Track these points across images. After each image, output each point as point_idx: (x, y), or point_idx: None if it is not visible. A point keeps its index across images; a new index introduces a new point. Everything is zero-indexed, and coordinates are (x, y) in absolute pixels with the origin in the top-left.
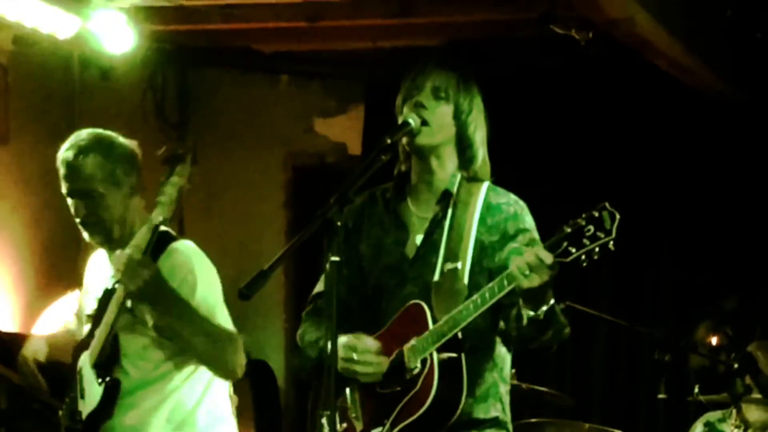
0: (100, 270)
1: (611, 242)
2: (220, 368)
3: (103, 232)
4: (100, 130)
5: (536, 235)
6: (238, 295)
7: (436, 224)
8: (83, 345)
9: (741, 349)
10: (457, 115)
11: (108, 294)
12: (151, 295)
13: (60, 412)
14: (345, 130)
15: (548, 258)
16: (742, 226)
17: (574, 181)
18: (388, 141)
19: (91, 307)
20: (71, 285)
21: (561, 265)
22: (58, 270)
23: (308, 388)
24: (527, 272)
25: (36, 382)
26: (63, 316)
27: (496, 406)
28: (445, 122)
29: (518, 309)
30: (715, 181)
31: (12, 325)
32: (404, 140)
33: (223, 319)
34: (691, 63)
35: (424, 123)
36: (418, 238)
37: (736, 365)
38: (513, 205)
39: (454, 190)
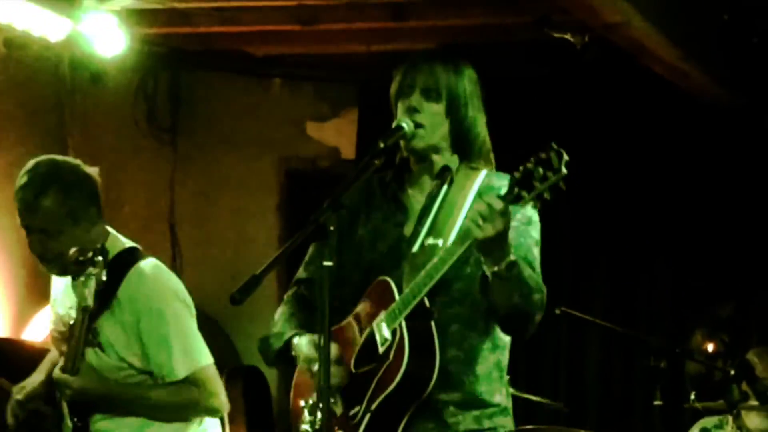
0: (64, 289)
1: (561, 181)
2: (198, 416)
3: (61, 266)
4: (57, 160)
5: (534, 213)
6: (230, 300)
7: (431, 200)
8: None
9: (737, 355)
10: (451, 111)
11: (71, 329)
12: (92, 404)
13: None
14: (338, 134)
15: (498, 204)
16: (738, 232)
17: (570, 185)
18: (382, 145)
19: (53, 326)
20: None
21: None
22: (48, 277)
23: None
24: (480, 222)
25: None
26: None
27: (501, 392)
28: (439, 121)
29: (483, 271)
30: (711, 186)
31: (2, 331)
32: (401, 143)
33: (185, 355)
34: (687, 67)
35: (418, 126)
36: (415, 216)
37: (732, 372)
38: None
39: (454, 168)
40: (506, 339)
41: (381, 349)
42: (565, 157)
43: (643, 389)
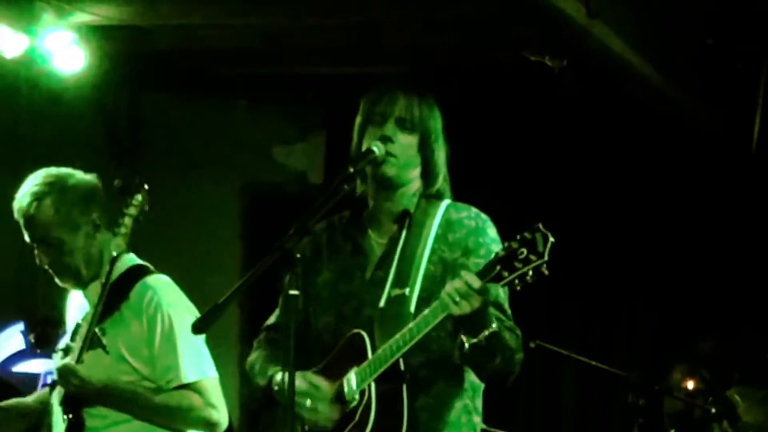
0: (78, 306)
1: (544, 265)
2: (195, 427)
3: (71, 276)
4: (54, 171)
5: (498, 249)
6: (191, 330)
7: (392, 244)
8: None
9: (718, 393)
10: (423, 145)
11: (77, 330)
12: (91, 398)
13: None
14: (305, 158)
15: (476, 283)
16: (720, 265)
17: (546, 216)
18: (351, 170)
19: (65, 342)
20: (23, 315)
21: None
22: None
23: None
24: (457, 299)
25: None
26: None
27: None
28: (411, 154)
29: (459, 336)
30: (693, 217)
31: None
32: (368, 169)
33: (193, 362)
34: (669, 92)
35: (390, 155)
36: (375, 261)
37: (713, 410)
38: (474, 218)
39: (413, 209)
40: (477, 382)
41: (348, 407)
42: (551, 240)
43: (620, 427)
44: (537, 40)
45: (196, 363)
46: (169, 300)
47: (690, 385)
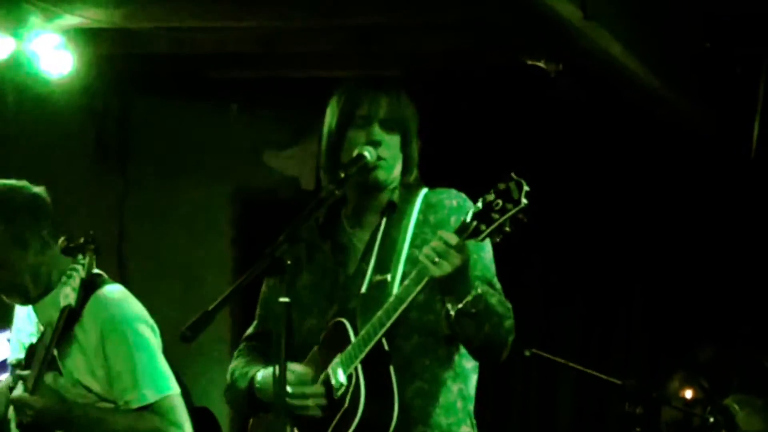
0: (26, 317)
1: (521, 212)
2: None
3: (18, 294)
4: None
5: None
6: (180, 338)
7: (373, 235)
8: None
9: (717, 402)
10: (405, 142)
11: (31, 350)
12: (51, 426)
13: None
14: (298, 163)
15: (452, 239)
16: (719, 271)
17: (542, 218)
18: (343, 175)
19: (15, 355)
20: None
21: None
22: None
23: None
24: (436, 259)
25: None
26: None
27: (467, 423)
28: (396, 154)
29: (445, 305)
30: (691, 222)
31: None
32: (358, 176)
33: (152, 380)
34: (666, 95)
35: (381, 158)
36: (359, 255)
37: (711, 419)
38: (455, 197)
39: (396, 199)
40: (470, 365)
41: (336, 394)
42: (525, 187)
43: None
44: (532, 44)
45: (154, 381)
46: (123, 315)
47: (688, 393)
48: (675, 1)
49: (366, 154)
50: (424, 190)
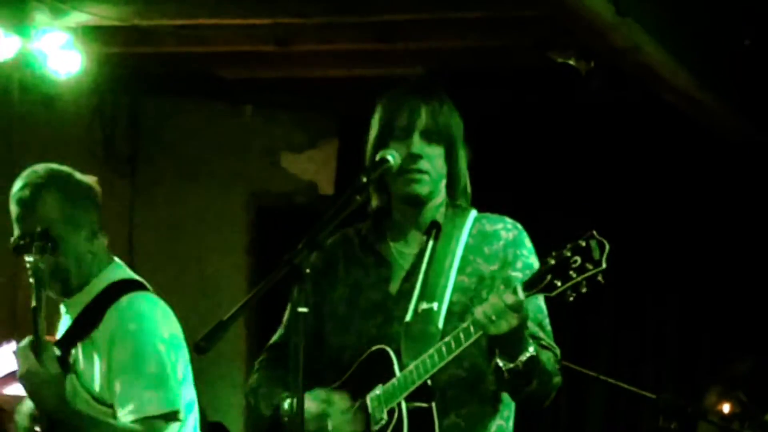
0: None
1: (600, 274)
2: None
3: (59, 281)
4: (57, 166)
5: (535, 260)
6: (194, 349)
7: (420, 256)
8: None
9: (756, 417)
10: (449, 154)
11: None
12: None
13: None
14: (316, 167)
15: (510, 299)
16: (757, 281)
17: (576, 228)
18: (365, 180)
19: None
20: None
21: (549, 307)
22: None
23: None
24: (493, 317)
25: None
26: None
27: None
28: (440, 166)
29: (495, 359)
30: (729, 230)
31: None
32: (398, 188)
33: (158, 394)
34: (703, 97)
35: (422, 171)
36: (402, 274)
37: None
38: (511, 230)
39: (442, 220)
40: (511, 403)
41: (374, 428)
42: (608, 247)
43: None
44: (562, 41)
45: (149, 397)
46: (145, 324)
47: (725, 408)
48: None
49: (389, 158)
50: (474, 213)
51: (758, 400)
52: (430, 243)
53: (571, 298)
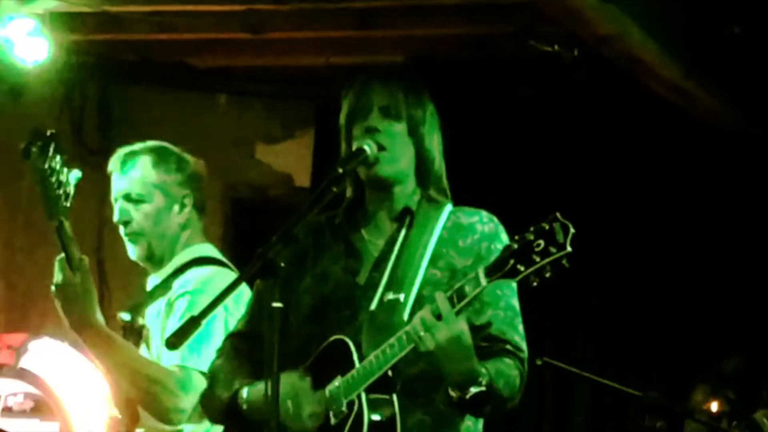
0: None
1: (565, 258)
2: (154, 406)
3: (143, 245)
4: (163, 143)
5: None
6: (165, 344)
7: (390, 245)
8: None
9: (744, 415)
10: (413, 130)
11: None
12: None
13: None
14: (292, 159)
15: (442, 306)
16: (745, 277)
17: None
18: (341, 171)
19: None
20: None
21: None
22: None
23: None
24: (422, 332)
25: None
26: None
27: None
28: (401, 143)
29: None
30: (717, 225)
31: None
32: (361, 172)
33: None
34: (690, 86)
35: (381, 148)
36: (371, 263)
37: None
38: (487, 222)
39: (415, 207)
40: None
41: (334, 420)
42: (572, 230)
43: None
44: (545, 28)
45: (196, 351)
46: (205, 285)
47: (714, 406)
48: None
49: (366, 147)
50: (449, 206)
51: (747, 398)
52: (403, 231)
53: (535, 284)
